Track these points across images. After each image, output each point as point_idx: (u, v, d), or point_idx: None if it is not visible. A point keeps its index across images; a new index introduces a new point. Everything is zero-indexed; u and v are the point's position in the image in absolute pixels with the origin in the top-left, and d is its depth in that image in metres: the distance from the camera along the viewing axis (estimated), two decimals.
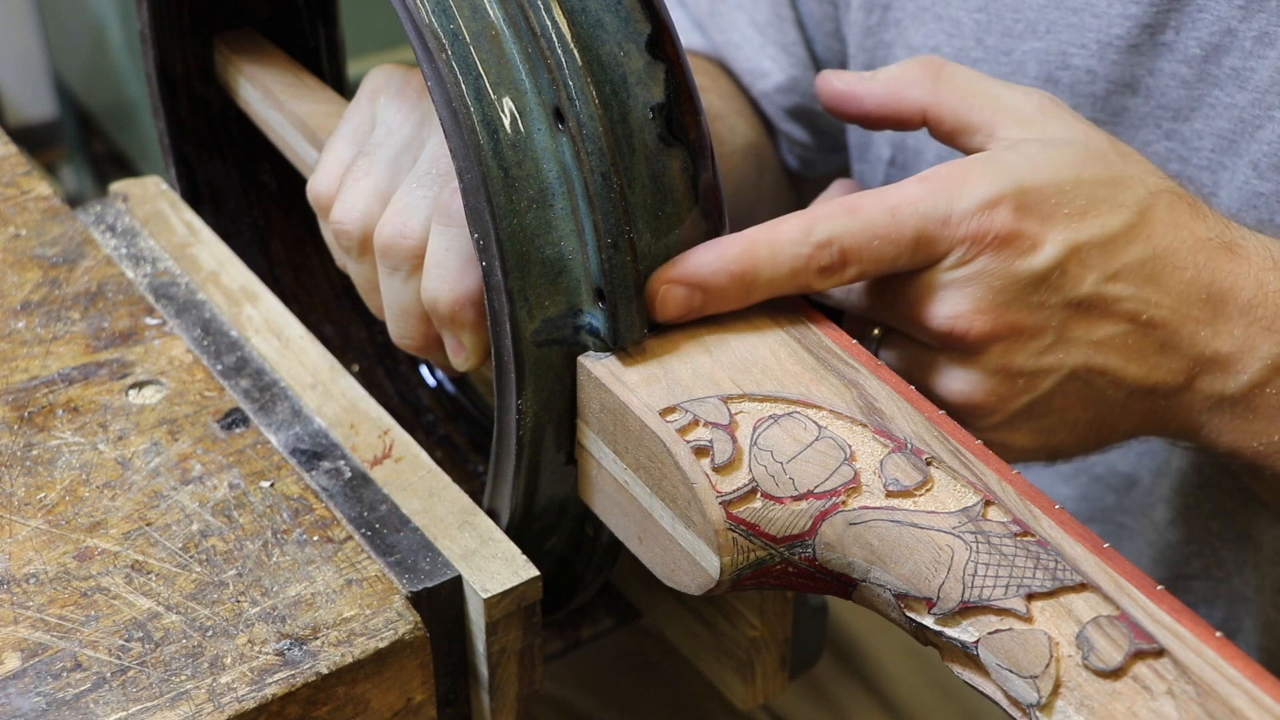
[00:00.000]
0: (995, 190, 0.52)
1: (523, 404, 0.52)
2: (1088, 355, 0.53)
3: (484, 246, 0.50)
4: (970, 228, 0.51)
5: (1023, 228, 0.52)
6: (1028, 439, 0.56)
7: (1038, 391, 0.54)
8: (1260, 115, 0.66)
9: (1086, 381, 0.54)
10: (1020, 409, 0.54)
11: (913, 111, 0.57)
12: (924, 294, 0.53)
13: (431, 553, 0.53)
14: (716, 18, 0.86)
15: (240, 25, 0.72)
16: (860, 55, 0.81)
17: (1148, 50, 0.68)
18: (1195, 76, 0.68)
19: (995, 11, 0.73)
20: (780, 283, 0.51)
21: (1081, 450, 0.57)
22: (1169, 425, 0.57)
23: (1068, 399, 0.54)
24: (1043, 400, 0.54)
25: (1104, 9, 0.69)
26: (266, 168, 0.76)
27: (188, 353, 0.61)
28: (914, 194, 0.52)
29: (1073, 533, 0.44)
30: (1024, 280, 0.52)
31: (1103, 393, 0.54)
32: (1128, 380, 0.54)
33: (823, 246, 0.51)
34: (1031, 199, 0.52)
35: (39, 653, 0.48)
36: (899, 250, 0.52)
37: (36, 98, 2.57)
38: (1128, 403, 0.55)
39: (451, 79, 0.49)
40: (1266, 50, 0.65)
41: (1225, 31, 0.66)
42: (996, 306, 0.52)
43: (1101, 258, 0.53)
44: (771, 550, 0.48)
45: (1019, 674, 0.42)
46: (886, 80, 0.58)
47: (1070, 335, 0.53)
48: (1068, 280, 0.52)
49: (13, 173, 0.70)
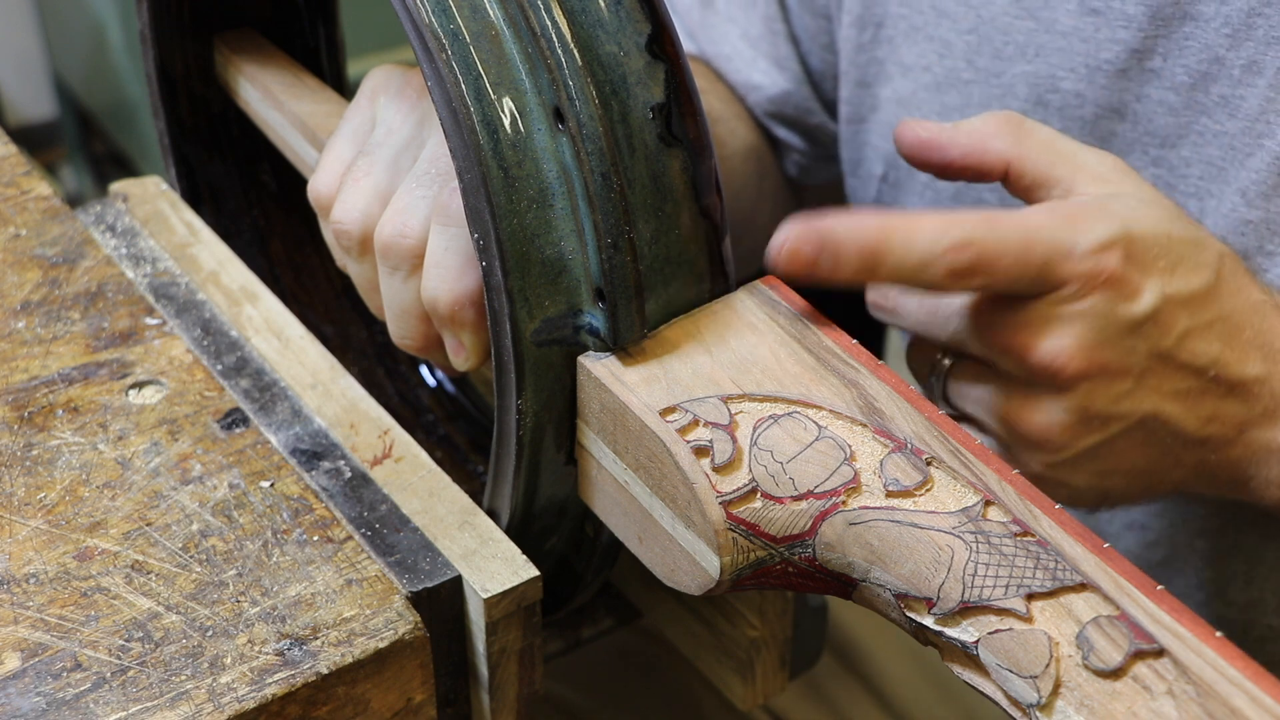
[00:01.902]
0: (1111, 233, 0.53)
1: (523, 404, 0.52)
2: (1156, 404, 0.55)
3: (484, 246, 0.50)
4: (1088, 265, 0.53)
5: (1129, 273, 0.53)
6: (1085, 479, 0.57)
7: (1107, 433, 0.55)
8: (1250, 143, 0.66)
9: (1151, 430, 0.56)
10: (1087, 449, 0.55)
11: (995, 164, 0.58)
12: (1030, 324, 0.54)
13: (431, 553, 0.53)
14: (708, 29, 0.86)
15: (240, 25, 0.72)
16: (852, 71, 0.81)
17: (1135, 76, 0.69)
18: (1183, 104, 0.68)
19: (985, 34, 0.73)
20: (906, 271, 0.52)
21: (1129, 498, 0.59)
22: (1218, 478, 0.58)
23: (1130, 444, 0.56)
24: (1108, 443, 0.55)
25: (1091, 34, 0.69)
26: (266, 168, 0.76)
27: (188, 353, 0.61)
28: (1045, 222, 0.53)
29: (1073, 533, 0.44)
30: (1123, 324, 0.53)
31: (1162, 441, 0.56)
32: (1184, 431, 0.56)
33: (959, 249, 0.52)
34: (1138, 248, 0.53)
35: (39, 653, 0.48)
36: (1025, 271, 0.52)
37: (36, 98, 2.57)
38: (1181, 453, 0.57)
39: (451, 79, 0.49)
40: (1255, 79, 0.65)
41: (1213, 60, 0.66)
42: (1095, 346, 0.53)
43: (1186, 314, 0.54)
44: (771, 550, 0.48)
45: (1019, 674, 0.42)
46: (970, 133, 0.58)
47: (1148, 383, 0.55)
48: (1158, 330, 0.54)
49: (13, 173, 0.70)
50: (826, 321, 0.53)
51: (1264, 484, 0.58)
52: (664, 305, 0.52)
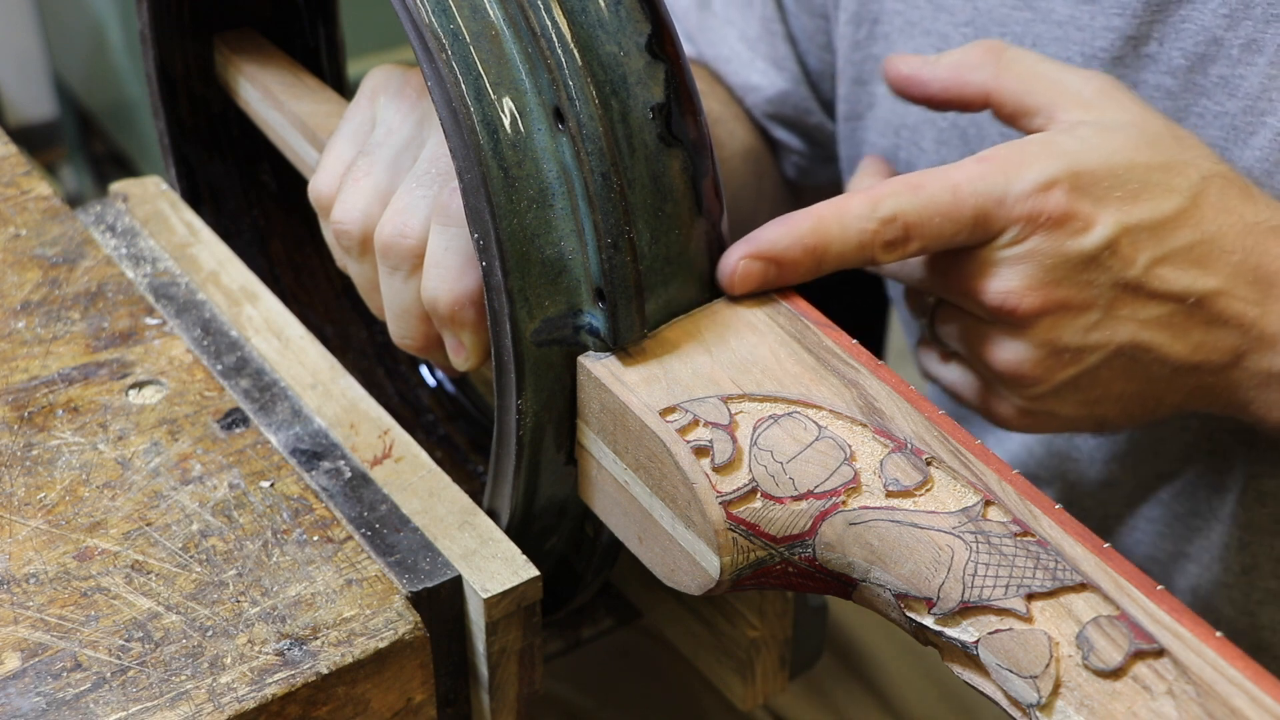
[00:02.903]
0: (1051, 172, 0.54)
1: (523, 404, 0.52)
2: (1134, 333, 0.55)
3: (484, 246, 0.50)
4: (1025, 208, 0.53)
5: (1076, 209, 0.53)
6: (1073, 409, 0.57)
7: (1083, 365, 0.56)
8: (1253, 122, 0.66)
9: (1132, 358, 0.56)
10: (1066, 381, 0.56)
11: (975, 94, 0.60)
12: (979, 270, 0.55)
13: (431, 553, 0.53)
14: (706, 31, 0.86)
15: (240, 25, 0.72)
16: (849, 69, 0.81)
17: (1132, 63, 0.69)
18: (1180, 87, 0.68)
19: (982, 26, 0.73)
20: (848, 255, 0.53)
21: (1128, 423, 0.59)
22: (1216, 400, 0.58)
23: (1113, 373, 0.56)
24: (1088, 374, 0.56)
25: (1087, 22, 0.69)
26: (266, 168, 0.76)
27: (188, 353, 0.61)
28: (973, 173, 0.54)
29: (1073, 533, 0.44)
30: (1074, 259, 0.54)
31: (1148, 369, 0.56)
32: (1173, 358, 0.56)
33: (887, 222, 0.53)
34: (1086, 181, 0.54)
35: (39, 653, 0.48)
36: (958, 227, 0.54)
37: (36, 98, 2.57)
38: (1173, 379, 0.57)
39: (451, 79, 0.49)
40: (1254, 57, 0.65)
41: (1211, 41, 0.66)
42: (1046, 284, 0.54)
43: (1151, 240, 0.54)
44: (771, 550, 0.48)
45: (1019, 674, 0.42)
46: (950, 65, 0.60)
47: (1117, 314, 0.55)
48: (1117, 260, 0.54)
49: (13, 173, 0.70)
50: (826, 321, 0.53)
51: (1265, 407, 0.58)
52: (664, 305, 0.52)
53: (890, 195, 0.53)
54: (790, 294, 0.54)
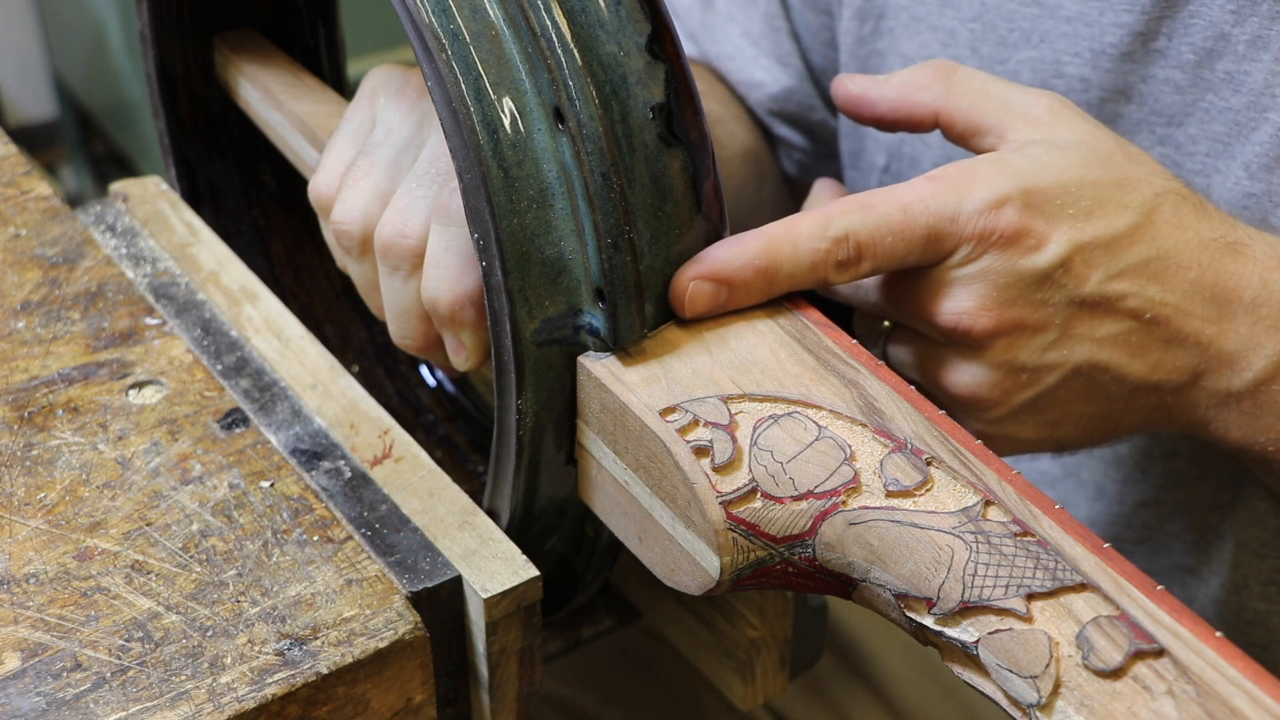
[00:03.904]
0: (1001, 190, 0.53)
1: (523, 404, 0.52)
2: (1091, 352, 0.54)
3: (484, 246, 0.50)
4: (977, 226, 0.53)
5: (1029, 226, 0.53)
6: (1032, 431, 0.57)
7: (1041, 386, 0.55)
8: (1255, 118, 0.66)
9: (1090, 378, 0.55)
10: (1024, 403, 0.55)
11: (925, 114, 0.59)
12: (931, 291, 0.54)
13: (431, 553, 0.53)
14: (709, 29, 0.86)
15: (240, 25, 0.72)
16: (852, 64, 0.81)
17: (1140, 58, 0.69)
18: (1189, 81, 0.68)
19: (989, 21, 0.73)
20: (800, 276, 0.53)
21: (1087, 442, 0.58)
22: (1175, 420, 0.58)
23: (1071, 394, 0.55)
24: (1046, 395, 0.55)
25: (1096, 18, 0.69)
26: (266, 168, 0.76)
27: (188, 353, 0.61)
28: (924, 192, 0.53)
29: (1073, 533, 0.44)
30: (1028, 278, 0.53)
31: (1107, 389, 0.55)
32: (1131, 377, 0.55)
33: (839, 241, 0.52)
34: (1037, 199, 0.53)
35: (39, 653, 0.48)
36: (910, 246, 0.53)
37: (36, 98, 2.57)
38: (1132, 399, 0.56)
39: (451, 79, 0.49)
40: (1259, 53, 0.65)
41: (1218, 36, 0.66)
42: (1001, 304, 0.53)
43: (1105, 257, 0.54)
44: (771, 550, 0.48)
45: (1019, 674, 0.42)
46: (899, 84, 0.59)
47: (1074, 332, 0.54)
48: (1071, 278, 0.53)
49: (13, 173, 0.70)
50: (826, 321, 0.53)
51: (1223, 428, 0.58)
52: (664, 305, 0.52)
53: (841, 214, 0.53)
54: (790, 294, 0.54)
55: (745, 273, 0.52)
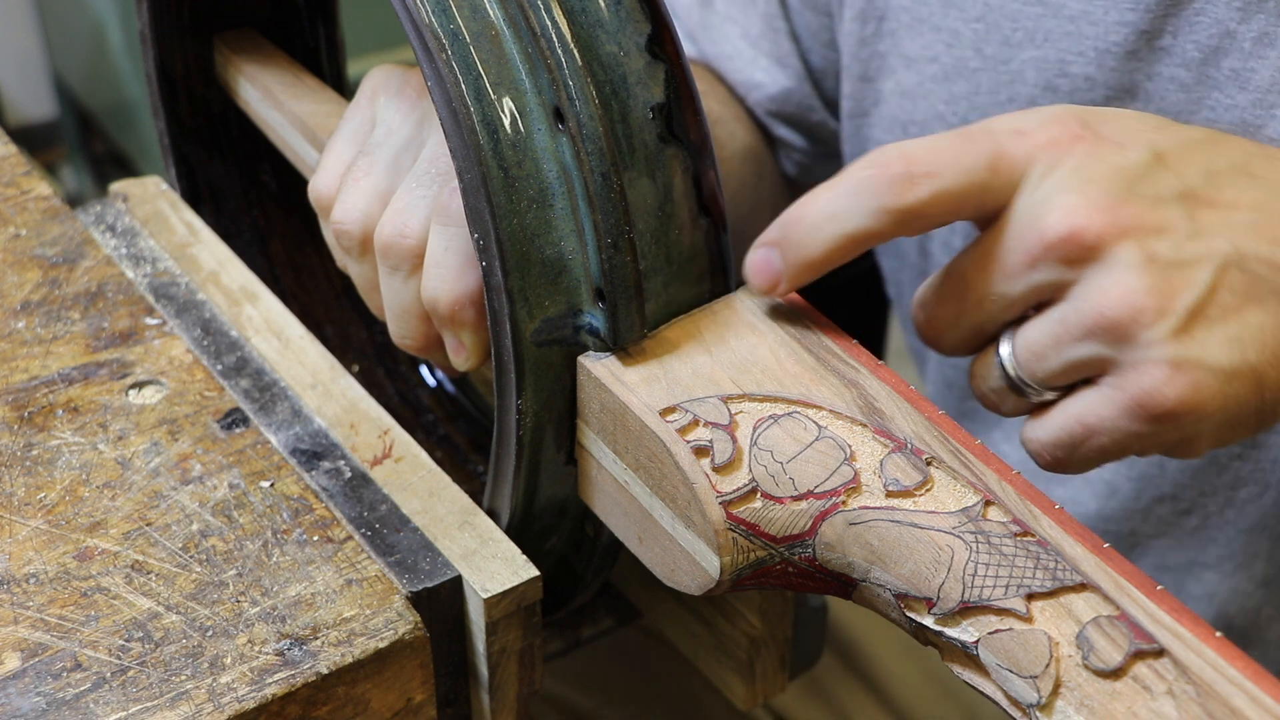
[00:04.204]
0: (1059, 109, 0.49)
1: (523, 404, 0.52)
2: (1233, 241, 0.48)
3: (484, 246, 0.50)
4: (1047, 135, 0.48)
5: (1100, 132, 0.49)
6: (1223, 353, 0.48)
7: (1198, 284, 0.47)
8: (1262, 115, 0.66)
9: (1248, 271, 0.48)
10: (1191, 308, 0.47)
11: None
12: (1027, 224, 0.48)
13: (431, 553, 0.53)
14: (708, 29, 0.86)
15: (240, 25, 0.72)
16: (855, 66, 0.80)
17: (1145, 56, 0.69)
18: (1194, 79, 0.68)
19: (993, 21, 0.73)
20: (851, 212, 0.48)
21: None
22: None
23: (1237, 296, 0.48)
24: (1210, 297, 0.48)
25: (1100, 16, 0.69)
26: (266, 168, 0.76)
27: (188, 353, 0.61)
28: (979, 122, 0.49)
29: (1073, 533, 0.44)
30: (1124, 173, 0.48)
31: (1271, 284, 0.48)
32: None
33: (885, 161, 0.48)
34: (1095, 117, 0.49)
35: (39, 653, 0.48)
36: (976, 162, 0.48)
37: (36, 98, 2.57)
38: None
39: (451, 79, 0.49)
40: (1266, 50, 0.65)
41: (1224, 34, 0.66)
42: (1109, 200, 0.47)
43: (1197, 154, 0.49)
44: (771, 550, 0.48)
45: (1019, 674, 0.42)
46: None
47: (1204, 224, 0.48)
48: (1170, 173, 0.48)
49: (13, 173, 0.70)
50: (826, 321, 0.53)
51: None
52: (664, 305, 0.52)
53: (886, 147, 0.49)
54: (790, 294, 0.54)
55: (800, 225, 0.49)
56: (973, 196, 0.48)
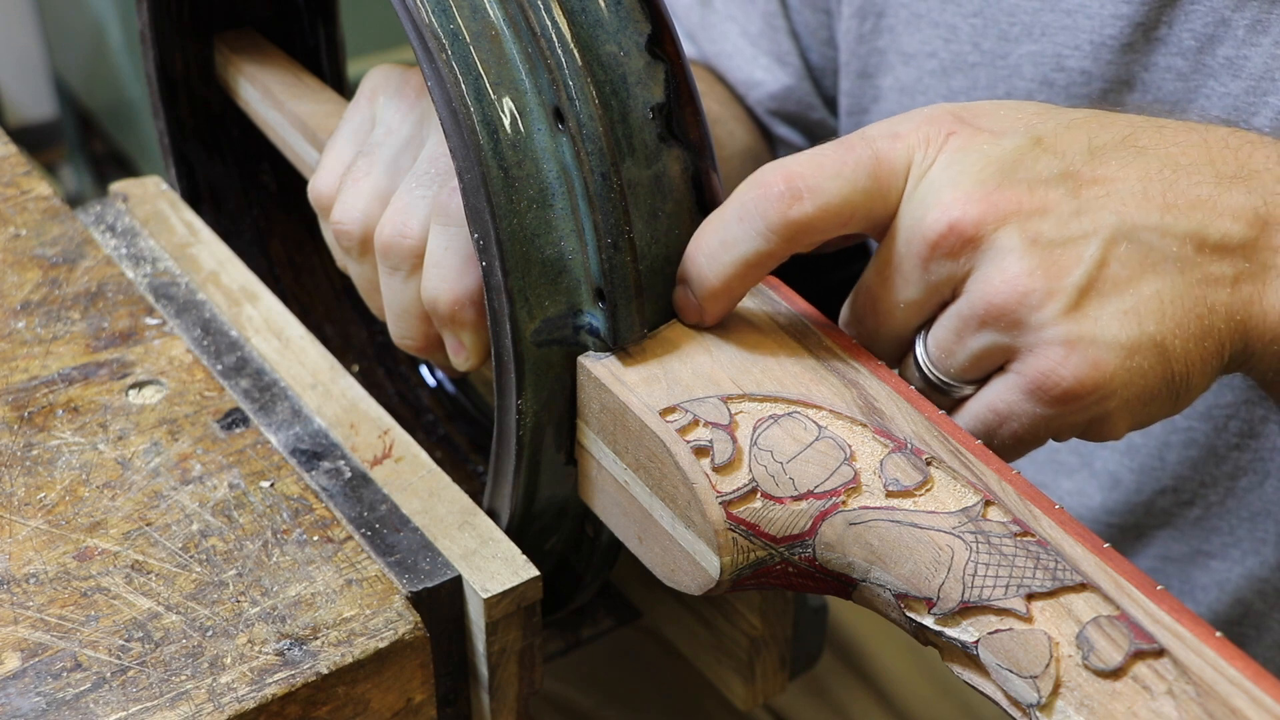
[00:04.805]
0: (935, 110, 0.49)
1: (523, 404, 0.52)
2: (1119, 212, 0.47)
3: (484, 246, 0.50)
4: (921, 134, 0.48)
5: (976, 124, 0.49)
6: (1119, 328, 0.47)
7: (1085, 260, 0.47)
8: (1255, 102, 0.66)
9: (1138, 241, 0.47)
10: (1081, 285, 0.47)
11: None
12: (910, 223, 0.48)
13: (431, 553, 0.53)
14: (708, 29, 0.86)
15: (240, 25, 0.72)
16: (854, 63, 0.81)
17: (1142, 48, 0.69)
18: (1190, 69, 0.68)
19: (991, 15, 0.73)
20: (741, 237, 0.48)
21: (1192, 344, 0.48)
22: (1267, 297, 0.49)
23: (1128, 267, 0.47)
24: (1099, 270, 0.47)
25: (1096, 10, 0.69)
26: (266, 168, 0.76)
27: (188, 353, 0.61)
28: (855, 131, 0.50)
29: (1073, 533, 0.44)
30: (999, 160, 0.48)
31: (1163, 250, 0.48)
32: (1178, 229, 0.48)
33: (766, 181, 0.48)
34: (969, 111, 0.49)
35: (39, 653, 0.48)
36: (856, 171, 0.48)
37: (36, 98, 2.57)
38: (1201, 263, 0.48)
39: (451, 79, 0.49)
40: (1259, 38, 0.65)
41: (1219, 21, 0.66)
42: (983, 186, 0.47)
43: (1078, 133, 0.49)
44: (771, 550, 0.48)
45: (1019, 674, 0.42)
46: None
47: (1087, 200, 0.48)
48: (1046, 155, 0.48)
49: (13, 173, 0.70)
50: (826, 321, 0.53)
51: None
52: (664, 305, 0.52)
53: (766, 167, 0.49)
54: (790, 293, 0.54)
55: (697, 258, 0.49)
56: (859, 206, 0.48)
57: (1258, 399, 0.71)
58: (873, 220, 0.49)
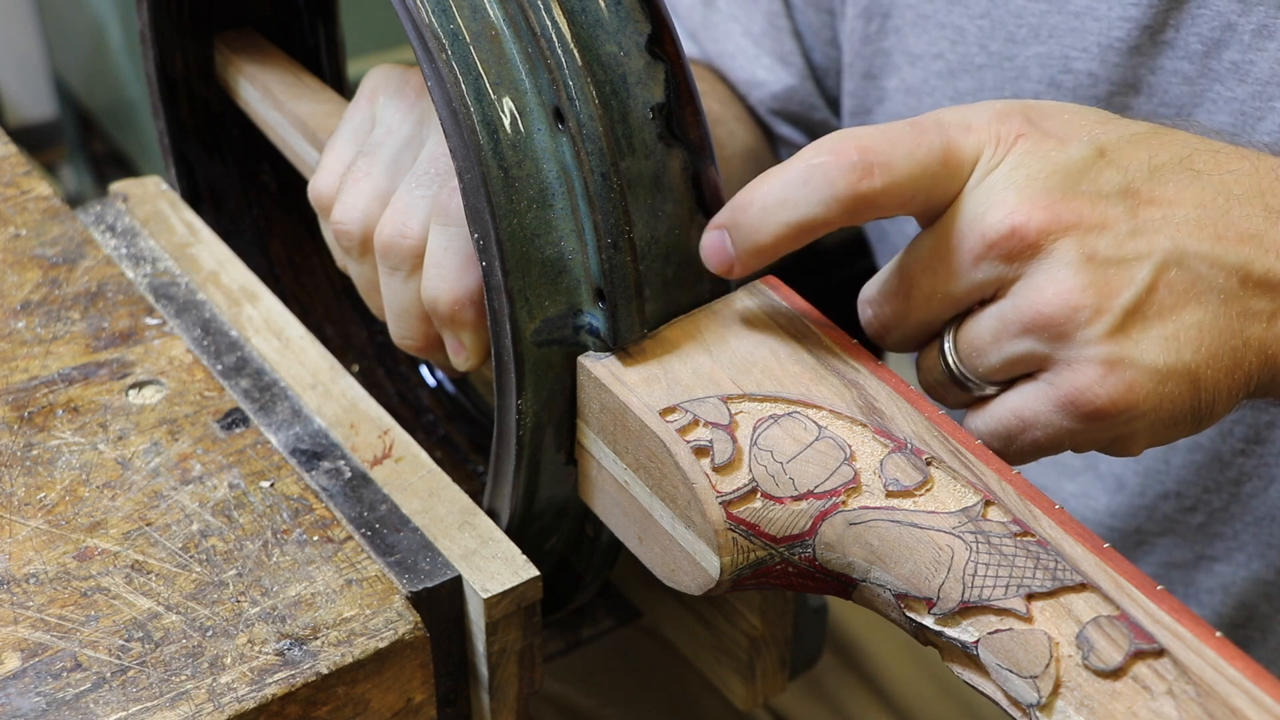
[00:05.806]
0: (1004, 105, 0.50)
1: (523, 404, 0.52)
2: (1174, 238, 0.48)
3: (484, 246, 0.50)
4: (993, 130, 0.49)
5: (1044, 128, 0.49)
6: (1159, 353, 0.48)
7: (1137, 283, 0.48)
8: (1261, 107, 0.66)
9: (1188, 270, 0.48)
10: (1128, 307, 0.48)
11: None
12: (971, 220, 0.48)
13: (431, 553, 0.53)
14: (710, 28, 0.86)
15: (240, 25, 0.72)
16: (858, 63, 0.80)
17: (1148, 50, 0.69)
18: (1197, 72, 0.68)
19: (998, 18, 0.73)
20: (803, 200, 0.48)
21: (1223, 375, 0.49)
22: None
23: (1175, 295, 0.48)
24: (1148, 295, 0.48)
25: (1104, 12, 0.69)
26: (266, 168, 0.76)
27: (188, 353, 0.61)
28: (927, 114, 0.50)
29: (1073, 533, 0.44)
30: (1065, 169, 0.48)
31: (1210, 281, 0.48)
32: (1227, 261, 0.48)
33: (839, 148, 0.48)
34: (1037, 112, 0.50)
35: (39, 653, 0.48)
36: (930, 155, 0.48)
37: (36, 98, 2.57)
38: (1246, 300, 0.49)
39: (451, 79, 0.49)
40: (1265, 43, 0.65)
41: (1225, 26, 0.66)
42: (1049, 197, 0.48)
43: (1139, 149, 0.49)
44: (771, 550, 0.48)
45: (1019, 674, 0.42)
46: None
47: (1145, 220, 0.48)
48: (1113, 168, 0.48)
49: (13, 173, 0.70)
50: (826, 321, 0.53)
51: None
52: (664, 305, 0.52)
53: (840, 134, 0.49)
54: (790, 294, 0.54)
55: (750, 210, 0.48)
56: (922, 189, 0.49)
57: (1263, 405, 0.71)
58: (930, 206, 0.49)
